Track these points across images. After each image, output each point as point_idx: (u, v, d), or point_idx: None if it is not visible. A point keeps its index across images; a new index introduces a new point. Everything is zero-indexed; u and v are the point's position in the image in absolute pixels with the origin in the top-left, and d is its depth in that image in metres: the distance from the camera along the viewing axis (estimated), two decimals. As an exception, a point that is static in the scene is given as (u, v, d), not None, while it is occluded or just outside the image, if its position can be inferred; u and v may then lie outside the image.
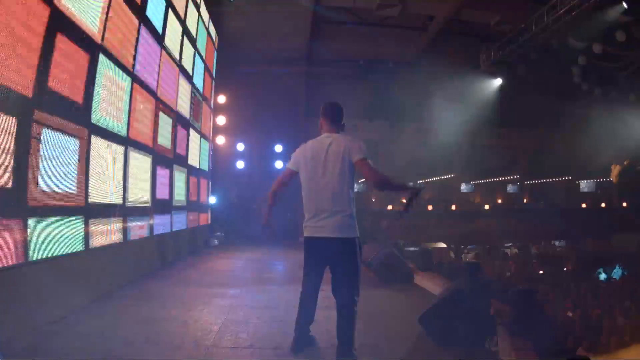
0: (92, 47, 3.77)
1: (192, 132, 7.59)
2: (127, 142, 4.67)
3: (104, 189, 4.18)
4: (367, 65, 13.13)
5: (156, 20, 5.43)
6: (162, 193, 6.05)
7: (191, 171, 7.61)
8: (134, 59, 4.74)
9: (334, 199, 2.47)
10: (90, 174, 3.83)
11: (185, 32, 6.89)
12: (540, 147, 16.07)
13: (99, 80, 3.94)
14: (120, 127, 4.49)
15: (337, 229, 2.45)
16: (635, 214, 14.96)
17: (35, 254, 3.04)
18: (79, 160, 3.64)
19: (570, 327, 4.59)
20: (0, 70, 2.60)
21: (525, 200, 18.63)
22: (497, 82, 11.63)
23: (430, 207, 16.90)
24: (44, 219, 3.16)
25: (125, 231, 4.67)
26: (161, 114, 5.85)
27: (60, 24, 3.22)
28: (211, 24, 8.94)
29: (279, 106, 12.43)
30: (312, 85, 13.60)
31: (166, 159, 6.20)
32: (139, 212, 5.15)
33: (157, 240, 5.81)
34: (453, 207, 17.37)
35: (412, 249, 7.94)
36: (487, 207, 17.88)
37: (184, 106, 7.04)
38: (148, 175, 5.45)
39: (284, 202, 2.98)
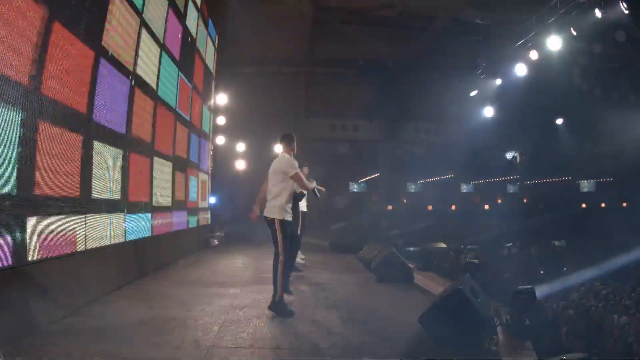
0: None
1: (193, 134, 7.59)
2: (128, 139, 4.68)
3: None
4: (367, 65, 13.13)
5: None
6: (165, 194, 6.04)
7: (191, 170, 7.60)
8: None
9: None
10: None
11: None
12: (540, 147, 16.06)
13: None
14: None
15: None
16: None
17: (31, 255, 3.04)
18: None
19: (570, 327, 4.60)
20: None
21: (525, 200, 18.59)
22: (497, 82, 11.61)
23: (430, 207, 16.88)
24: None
25: (125, 232, 4.67)
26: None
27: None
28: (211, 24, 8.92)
29: (279, 106, 12.44)
30: (312, 86, 13.61)
31: (168, 158, 6.20)
32: (139, 212, 5.14)
33: (157, 241, 5.81)
34: (453, 207, 17.34)
35: (412, 249, 7.91)
36: (487, 207, 17.85)
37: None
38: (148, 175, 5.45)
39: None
